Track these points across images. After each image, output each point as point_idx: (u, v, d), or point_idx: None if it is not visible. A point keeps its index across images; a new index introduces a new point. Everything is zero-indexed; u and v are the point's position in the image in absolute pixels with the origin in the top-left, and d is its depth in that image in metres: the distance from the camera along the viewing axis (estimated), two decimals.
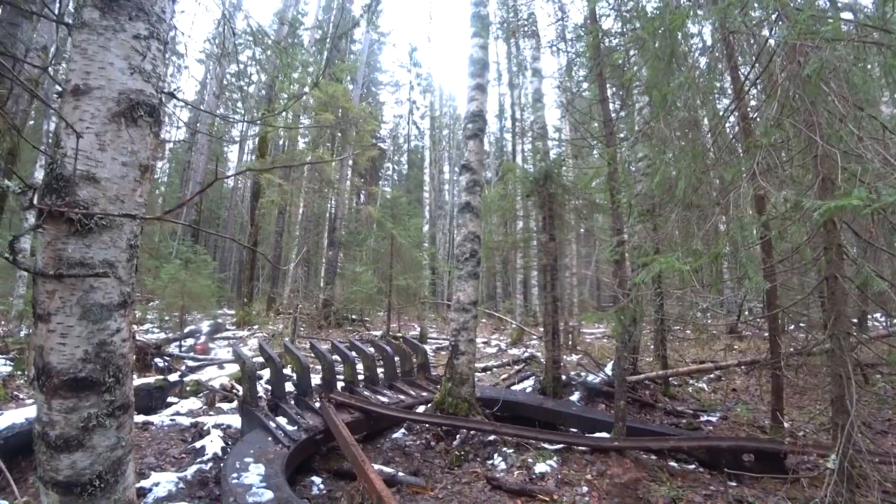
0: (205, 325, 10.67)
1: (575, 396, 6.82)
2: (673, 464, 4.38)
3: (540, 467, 3.96)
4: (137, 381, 5.47)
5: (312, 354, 6.22)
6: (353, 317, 15.64)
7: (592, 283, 18.75)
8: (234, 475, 3.20)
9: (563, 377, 7.06)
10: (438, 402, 5.28)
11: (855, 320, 7.08)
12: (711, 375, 8.09)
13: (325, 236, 15.83)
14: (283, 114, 13.38)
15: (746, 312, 11.69)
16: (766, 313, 5.32)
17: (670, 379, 7.28)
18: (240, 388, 6.24)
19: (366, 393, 5.39)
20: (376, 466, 3.85)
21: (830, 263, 2.33)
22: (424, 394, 5.77)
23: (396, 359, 6.21)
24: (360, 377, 5.79)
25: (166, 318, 10.82)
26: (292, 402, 4.85)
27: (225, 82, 23.32)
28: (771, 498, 3.81)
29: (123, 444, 1.95)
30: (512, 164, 9.01)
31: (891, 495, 3.47)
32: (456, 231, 5.51)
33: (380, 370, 6.02)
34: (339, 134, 14.44)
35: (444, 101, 28.33)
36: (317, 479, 3.95)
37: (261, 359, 6.57)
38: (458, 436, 4.90)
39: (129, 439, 1.99)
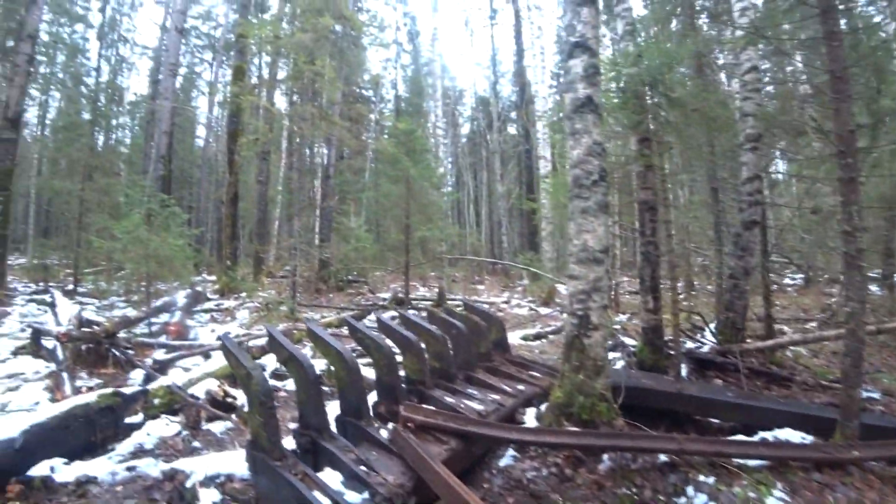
0: (180, 296, 8.07)
1: (683, 371, 5.14)
2: None
3: None
4: (66, 402, 3.25)
5: (348, 339, 4.16)
6: (350, 278, 13.49)
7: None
8: None
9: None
10: (563, 404, 3.37)
11: None
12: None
13: (318, 184, 13.40)
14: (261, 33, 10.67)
15: None
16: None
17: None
18: (235, 392, 4.17)
19: (448, 399, 3.40)
20: None
21: None
22: (521, 387, 3.85)
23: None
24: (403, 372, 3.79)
25: (132, 288, 8.45)
26: (339, 436, 2.81)
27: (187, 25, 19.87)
28: None
29: None
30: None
31: None
32: (570, 143, 3.42)
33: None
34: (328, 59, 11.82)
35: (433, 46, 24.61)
36: None
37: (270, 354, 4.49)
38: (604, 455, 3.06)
39: None
